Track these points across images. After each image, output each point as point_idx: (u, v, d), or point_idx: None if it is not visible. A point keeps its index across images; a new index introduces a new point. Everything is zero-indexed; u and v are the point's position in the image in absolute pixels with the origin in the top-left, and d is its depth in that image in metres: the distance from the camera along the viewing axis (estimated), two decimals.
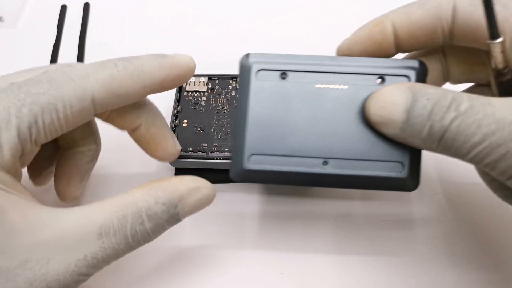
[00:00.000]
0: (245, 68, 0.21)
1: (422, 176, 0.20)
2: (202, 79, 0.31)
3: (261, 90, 0.21)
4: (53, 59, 0.35)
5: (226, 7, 0.40)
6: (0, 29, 0.38)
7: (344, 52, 0.22)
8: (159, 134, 0.23)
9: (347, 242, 0.26)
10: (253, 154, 0.20)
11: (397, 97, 0.18)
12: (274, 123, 0.21)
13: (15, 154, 0.18)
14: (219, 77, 0.31)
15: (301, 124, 0.21)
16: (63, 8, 0.39)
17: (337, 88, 0.21)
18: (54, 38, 0.37)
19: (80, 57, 0.35)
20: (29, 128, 0.18)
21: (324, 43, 0.37)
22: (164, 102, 0.32)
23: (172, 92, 0.32)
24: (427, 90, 0.17)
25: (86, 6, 0.39)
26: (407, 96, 0.17)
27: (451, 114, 0.16)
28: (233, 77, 0.31)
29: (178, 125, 0.29)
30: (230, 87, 0.31)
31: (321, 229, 0.26)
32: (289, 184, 0.21)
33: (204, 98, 0.31)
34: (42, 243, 0.16)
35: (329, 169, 0.20)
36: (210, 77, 0.31)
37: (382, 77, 0.21)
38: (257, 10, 0.40)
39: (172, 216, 0.19)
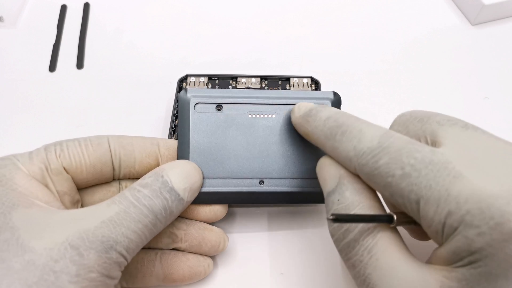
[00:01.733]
0: (184, 102, 0.24)
1: None
2: (202, 79, 0.31)
3: (199, 121, 0.24)
4: (53, 59, 0.35)
5: (226, 7, 0.40)
6: (0, 29, 0.38)
7: None
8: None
9: None
10: None
11: (328, 175, 0.20)
12: (213, 149, 0.23)
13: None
14: (219, 77, 0.32)
15: (237, 149, 0.23)
16: (63, 8, 0.39)
17: (267, 117, 0.24)
18: (54, 38, 0.37)
19: (80, 57, 0.35)
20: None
21: (324, 43, 0.37)
22: (164, 102, 0.32)
23: (172, 93, 0.32)
24: (345, 192, 0.19)
25: (86, 6, 0.39)
26: (334, 181, 0.19)
27: (344, 239, 0.18)
28: (233, 77, 0.31)
29: (178, 125, 0.29)
30: (230, 87, 0.31)
31: (321, 228, 0.26)
32: (231, 202, 0.24)
33: None
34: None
35: (265, 188, 0.24)
36: (210, 77, 0.31)
37: None
38: (257, 10, 0.40)
39: (163, 184, 0.20)
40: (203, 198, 0.23)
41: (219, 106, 0.24)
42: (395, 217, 0.17)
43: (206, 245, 0.23)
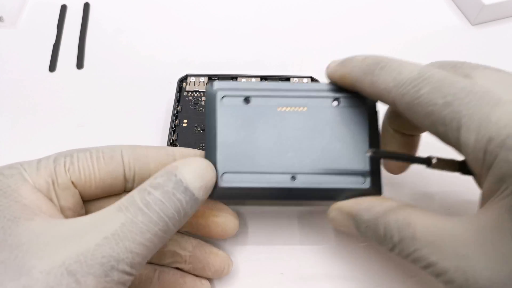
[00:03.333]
0: (210, 95, 0.23)
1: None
2: (202, 79, 0.31)
3: (227, 114, 0.22)
4: (53, 59, 0.35)
5: (226, 7, 0.40)
6: (0, 29, 0.38)
7: None
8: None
9: (348, 242, 0.26)
10: (225, 173, 0.22)
11: (344, 224, 0.21)
12: (242, 143, 0.22)
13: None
14: (219, 77, 0.32)
15: (267, 143, 0.22)
16: (63, 8, 0.39)
17: (298, 110, 0.23)
18: (54, 38, 0.37)
19: (80, 57, 0.35)
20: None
21: (324, 43, 0.37)
22: (164, 102, 0.32)
23: (172, 92, 0.32)
24: (363, 217, 0.20)
25: (86, 6, 0.39)
26: (350, 222, 0.21)
27: (388, 245, 0.19)
28: (233, 77, 0.32)
29: (178, 125, 0.29)
30: None
31: (322, 228, 0.26)
32: (261, 199, 0.23)
33: (204, 98, 0.31)
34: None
35: (298, 184, 0.22)
36: (210, 77, 0.31)
37: (337, 99, 0.23)
38: (257, 10, 0.40)
39: (177, 183, 0.19)
40: (232, 193, 0.22)
41: (247, 99, 0.23)
42: (433, 160, 0.18)
43: (210, 270, 0.23)
